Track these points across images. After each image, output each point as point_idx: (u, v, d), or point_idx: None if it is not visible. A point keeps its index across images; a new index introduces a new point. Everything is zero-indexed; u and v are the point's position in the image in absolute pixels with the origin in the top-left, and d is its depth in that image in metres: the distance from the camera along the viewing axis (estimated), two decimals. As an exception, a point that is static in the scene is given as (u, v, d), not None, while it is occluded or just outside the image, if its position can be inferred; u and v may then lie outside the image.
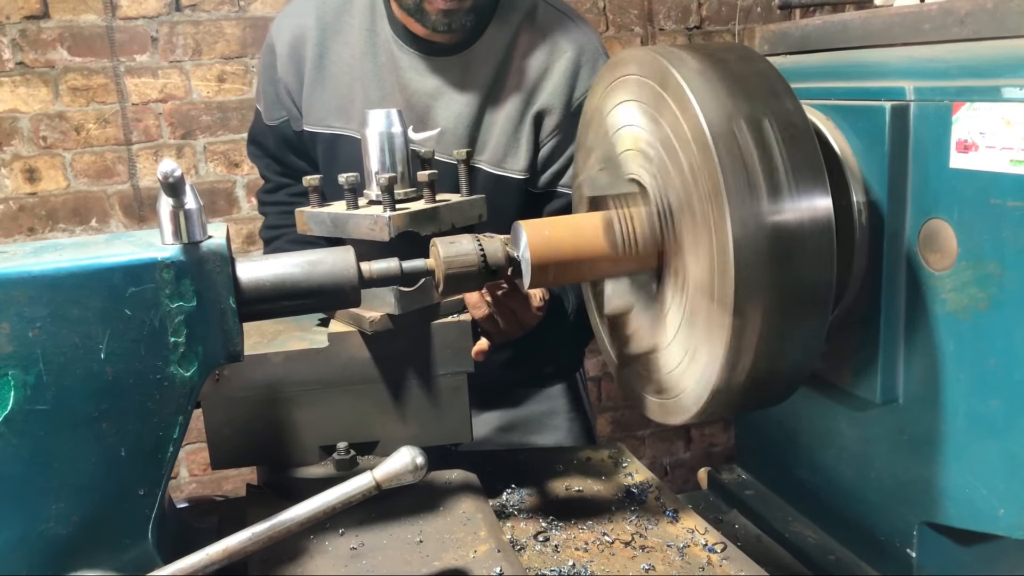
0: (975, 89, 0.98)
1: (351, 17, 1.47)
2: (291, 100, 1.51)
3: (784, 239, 0.87)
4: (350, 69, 1.45)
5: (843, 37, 1.24)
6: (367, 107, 1.42)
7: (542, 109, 1.44)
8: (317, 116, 1.48)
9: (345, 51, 1.46)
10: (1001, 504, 1.01)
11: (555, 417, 1.66)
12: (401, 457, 0.87)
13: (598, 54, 1.48)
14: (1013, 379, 0.97)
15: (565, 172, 1.47)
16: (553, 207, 1.49)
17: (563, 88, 1.44)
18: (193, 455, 2.74)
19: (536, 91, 1.44)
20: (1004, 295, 0.96)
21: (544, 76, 1.44)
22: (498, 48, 1.43)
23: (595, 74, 1.43)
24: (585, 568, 1.03)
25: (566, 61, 1.44)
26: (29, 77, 2.41)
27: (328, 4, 1.48)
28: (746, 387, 0.90)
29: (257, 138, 1.63)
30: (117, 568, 0.85)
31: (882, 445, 1.19)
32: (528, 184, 1.46)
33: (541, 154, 1.46)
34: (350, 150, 1.44)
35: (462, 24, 1.36)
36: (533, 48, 1.44)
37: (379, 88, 1.44)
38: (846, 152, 1.12)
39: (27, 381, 0.79)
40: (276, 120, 1.55)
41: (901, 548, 1.17)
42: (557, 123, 1.44)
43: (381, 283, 0.95)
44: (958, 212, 1.01)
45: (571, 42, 1.45)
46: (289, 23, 1.50)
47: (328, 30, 1.46)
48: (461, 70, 1.43)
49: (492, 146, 1.43)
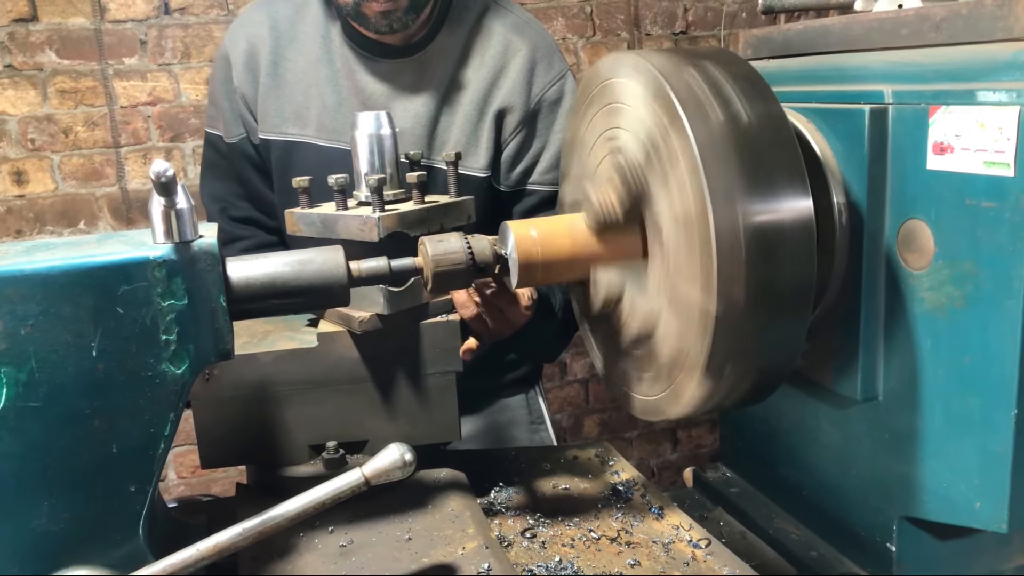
0: (950, 93, 1.01)
1: (304, 24, 1.47)
2: (248, 109, 1.50)
3: (766, 239, 0.89)
4: (305, 75, 1.46)
5: (824, 42, 1.26)
6: (323, 113, 1.44)
7: (503, 107, 1.46)
8: (272, 123, 1.47)
9: (300, 58, 1.46)
10: (977, 498, 1.03)
11: (516, 428, 1.67)
12: (390, 453, 0.88)
13: (552, 51, 1.50)
14: (988, 376, 1.00)
15: (534, 169, 1.49)
16: (524, 205, 1.50)
17: (521, 86, 1.46)
18: (181, 457, 2.74)
19: (494, 90, 1.46)
20: (979, 293, 0.99)
21: (501, 75, 1.46)
22: (453, 48, 1.45)
23: (550, 70, 1.48)
24: (572, 564, 1.04)
25: (521, 59, 1.46)
26: (18, 80, 2.41)
27: (281, 12, 1.48)
28: (730, 379, 0.92)
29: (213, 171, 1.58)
30: (108, 564, 0.86)
31: (863, 442, 1.21)
32: (492, 182, 1.48)
33: (506, 153, 1.48)
34: (305, 157, 1.45)
35: (404, 24, 1.37)
36: (488, 48, 1.46)
37: (335, 93, 1.45)
38: (827, 154, 1.15)
39: (19, 378, 0.80)
40: (236, 137, 1.52)
41: (881, 543, 1.19)
42: (519, 120, 1.46)
43: (370, 282, 0.96)
44: (935, 212, 1.03)
45: (525, 41, 1.48)
46: (244, 32, 1.49)
47: (282, 38, 1.46)
48: (417, 71, 1.44)
49: (451, 145, 1.44)
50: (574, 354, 3.11)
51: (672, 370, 1.03)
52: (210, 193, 1.58)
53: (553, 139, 1.48)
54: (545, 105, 1.47)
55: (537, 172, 1.49)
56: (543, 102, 1.47)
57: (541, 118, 1.48)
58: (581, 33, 2.90)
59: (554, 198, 1.48)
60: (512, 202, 1.50)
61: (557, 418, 3.17)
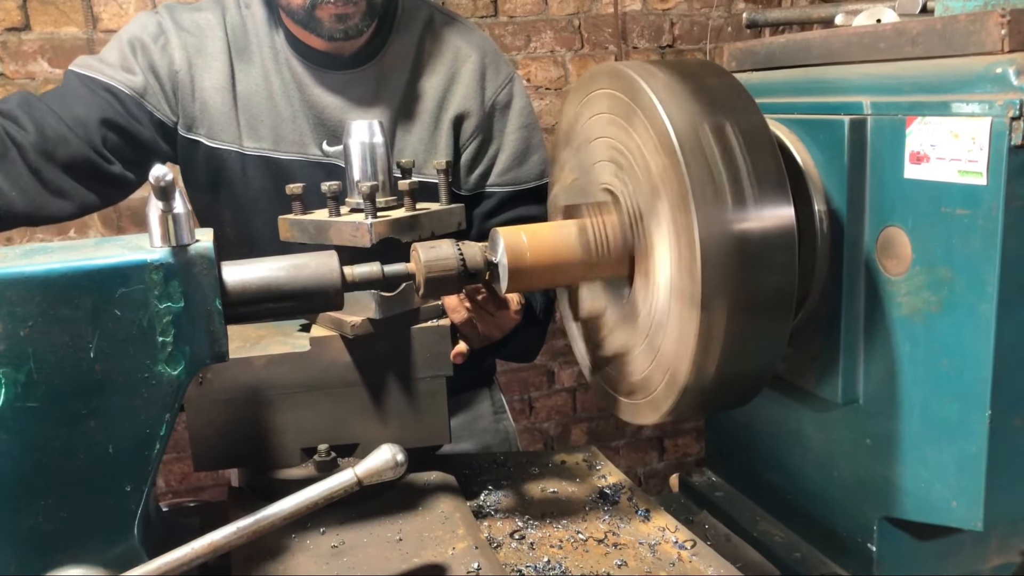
0: (926, 104, 1.04)
1: (253, 36, 1.46)
2: (166, 90, 1.42)
3: (749, 246, 0.91)
4: (258, 88, 1.45)
5: (805, 55, 1.30)
6: (279, 125, 1.43)
7: (459, 113, 1.48)
8: (223, 135, 1.44)
9: (252, 70, 1.45)
10: (953, 497, 1.06)
11: (482, 420, 1.72)
12: (382, 454, 0.90)
13: (498, 55, 1.54)
14: (963, 378, 1.02)
15: (491, 172, 1.52)
16: (484, 208, 1.53)
17: (475, 90, 1.49)
18: (169, 465, 2.74)
19: (448, 96, 1.48)
20: (954, 298, 1.02)
21: (453, 81, 1.48)
22: (404, 58, 1.47)
23: (499, 74, 1.51)
24: (560, 564, 1.06)
25: (472, 64, 1.49)
26: (10, 88, 2.42)
27: (233, 23, 1.46)
28: (715, 383, 0.95)
29: (71, 93, 1.40)
30: (103, 563, 0.87)
31: (844, 445, 1.23)
32: (451, 187, 1.49)
33: (464, 157, 1.51)
34: (262, 170, 1.44)
35: (359, 30, 1.38)
36: (437, 55, 1.49)
37: (289, 105, 1.44)
38: (808, 164, 1.18)
39: (18, 379, 0.81)
40: (130, 87, 1.40)
41: (862, 543, 1.21)
42: (476, 125, 1.49)
43: (363, 286, 0.98)
44: (912, 220, 1.06)
45: (472, 47, 1.51)
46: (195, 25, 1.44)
47: (234, 49, 1.45)
48: (370, 83, 1.45)
49: (409, 153, 1.46)
50: (562, 363, 3.13)
51: (639, 392, 1.06)
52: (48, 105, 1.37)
53: (507, 141, 1.52)
54: (498, 109, 1.51)
55: (494, 174, 1.52)
56: (496, 106, 1.51)
57: (495, 121, 1.51)
58: (569, 46, 2.94)
59: (513, 198, 1.52)
60: (472, 205, 1.52)
61: (545, 426, 3.19)
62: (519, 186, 1.53)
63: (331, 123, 1.44)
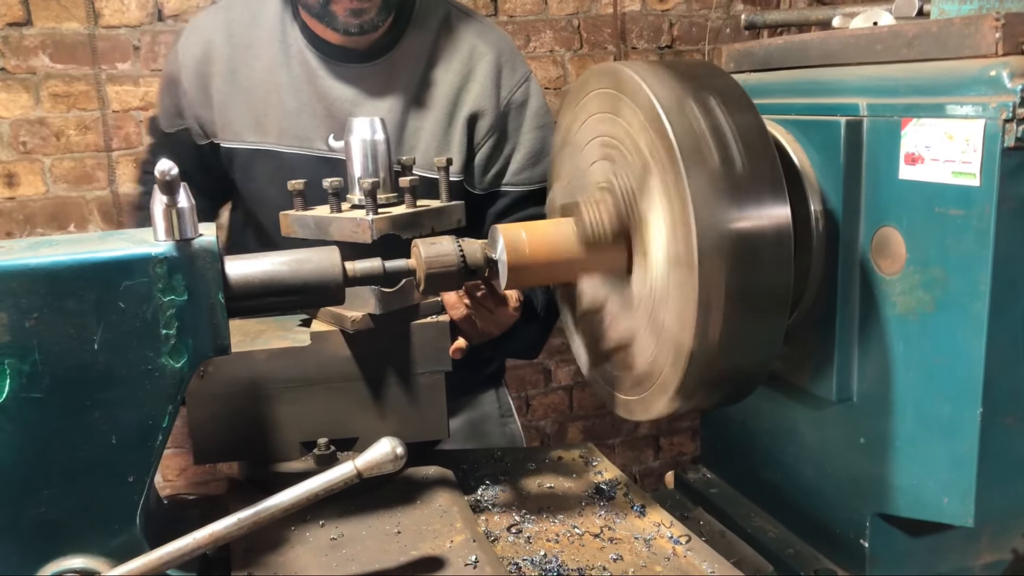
0: (921, 106, 1.05)
1: (260, 30, 1.46)
2: (192, 114, 1.49)
3: (745, 243, 0.92)
4: (263, 82, 1.45)
5: (803, 56, 1.31)
6: (284, 119, 1.44)
7: (474, 112, 1.47)
8: (233, 132, 1.46)
9: (257, 64, 1.45)
10: (945, 494, 1.07)
11: (488, 422, 1.70)
12: (381, 447, 0.91)
13: (515, 54, 1.53)
14: (956, 377, 1.04)
15: (506, 171, 1.52)
16: (498, 207, 1.53)
17: (490, 89, 1.48)
18: (167, 460, 2.74)
19: (462, 94, 1.47)
20: (947, 297, 1.03)
21: (469, 79, 1.47)
22: (419, 53, 1.46)
23: (515, 73, 1.50)
24: (556, 558, 1.07)
25: (488, 63, 1.48)
26: (11, 83, 2.42)
27: (238, 20, 1.48)
28: (719, 350, 0.94)
29: (152, 157, 1.60)
30: (105, 553, 0.88)
31: (838, 442, 1.25)
32: (465, 185, 1.50)
33: (479, 156, 1.50)
34: (268, 164, 1.45)
35: (374, 25, 1.37)
36: (453, 52, 1.48)
37: (296, 99, 1.45)
38: (804, 164, 1.19)
39: (23, 370, 0.82)
40: (175, 128, 1.52)
41: (855, 540, 1.23)
42: (491, 124, 1.48)
43: (364, 281, 0.99)
44: (907, 220, 1.08)
45: (489, 45, 1.50)
46: (198, 38, 1.48)
47: (239, 45, 1.46)
48: (383, 76, 1.45)
49: (421, 150, 1.45)
50: (559, 361, 3.14)
51: (645, 382, 1.06)
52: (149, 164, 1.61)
53: (523, 140, 1.51)
54: (513, 108, 1.50)
55: (509, 173, 1.52)
56: (511, 105, 1.49)
57: (510, 120, 1.50)
58: (569, 46, 2.95)
59: (526, 198, 1.51)
60: (486, 204, 1.52)
61: (541, 424, 3.20)
62: (533, 186, 1.52)
63: (341, 115, 1.44)
